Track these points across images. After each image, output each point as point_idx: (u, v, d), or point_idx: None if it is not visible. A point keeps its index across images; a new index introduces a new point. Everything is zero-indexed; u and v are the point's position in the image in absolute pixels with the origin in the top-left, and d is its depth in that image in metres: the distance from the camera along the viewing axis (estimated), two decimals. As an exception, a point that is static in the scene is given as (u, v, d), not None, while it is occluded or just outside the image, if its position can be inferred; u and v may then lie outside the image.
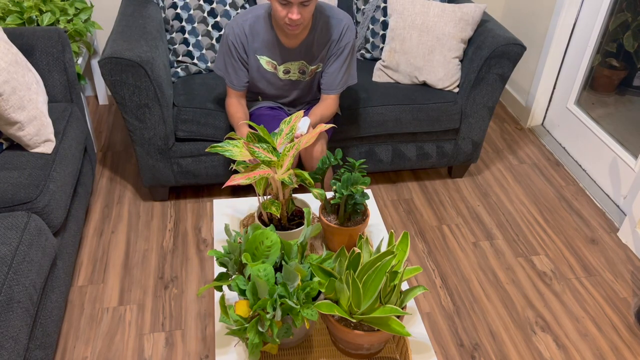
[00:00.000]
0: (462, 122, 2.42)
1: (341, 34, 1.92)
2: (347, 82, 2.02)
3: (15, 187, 1.65)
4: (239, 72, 1.96)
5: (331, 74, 1.98)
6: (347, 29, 1.92)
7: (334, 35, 1.92)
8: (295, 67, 1.98)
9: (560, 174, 2.73)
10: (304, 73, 2.01)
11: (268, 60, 1.94)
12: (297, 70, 1.99)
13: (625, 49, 2.57)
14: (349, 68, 1.99)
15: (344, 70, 1.98)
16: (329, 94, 2.02)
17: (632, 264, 2.22)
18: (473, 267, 2.16)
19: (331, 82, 1.99)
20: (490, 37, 2.28)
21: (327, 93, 2.02)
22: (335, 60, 1.96)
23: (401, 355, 1.27)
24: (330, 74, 1.98)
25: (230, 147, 1.35)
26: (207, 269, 2.10)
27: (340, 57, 1.95)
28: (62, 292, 1.73)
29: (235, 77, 1.97)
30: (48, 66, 2.04)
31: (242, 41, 1.90)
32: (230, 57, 1.93)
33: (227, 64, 1.95)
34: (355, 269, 1.19)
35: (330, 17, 1.91)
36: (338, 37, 1.92)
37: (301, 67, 1.99)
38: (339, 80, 1.99)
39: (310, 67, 2.00)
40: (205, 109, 2.15)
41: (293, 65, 1.97)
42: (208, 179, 2.33)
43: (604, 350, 1.86)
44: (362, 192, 1.42)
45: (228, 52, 1.92)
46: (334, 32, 1.92)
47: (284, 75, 1.99)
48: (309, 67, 1.99)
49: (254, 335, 1.11)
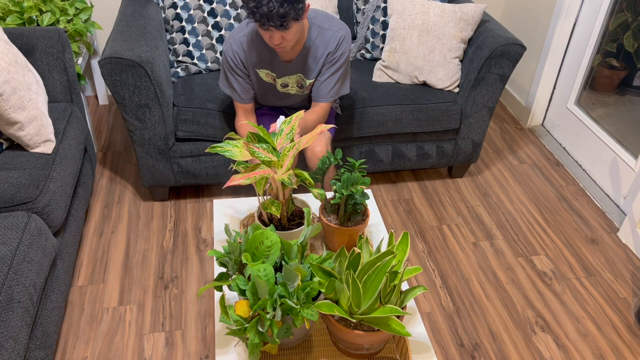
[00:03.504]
0: (462, 122, 2.42)
1: (337, 44, 1.88)
2: (339, 92, 1.98)
3: (15, 187, 1.65)
4: (244, 86, 1.94)
5: (322, 82, 1.93)
6: (342, 40, 1.87)
7: (329, 48, 1.88)
8: (293, 80, 1.95)
9: (560, 174, 2.73)
10: (302, 87, 1.98)
11: (267, 73, 1.92)
12: (295, 84, 1.96)
13: (625, 49, 2.57)
14: (342, 78, 1.95)
15: (336, 80, 1.93)
16: (317, 101, 1.97)
17: (632, 264, 2.22)
18: (473, 267, 2.16)
19: (321, 90, 1.94)
20: (490, 37, 2.28)
21: (315, 100, 1.98)
22: (328, 68, 1.91)
23: (401, 355, 1.27)
24: (322, 82, 1.94)
25: (230, 147, 1.35)
26: (207, 269, 2.10)
27: (334, 66, 1.90)
28: (62, 292, 1.73)
29: (242, 92, 1.95)
30: (48, 66, 2.04)
31: (240, 57, 1.87)
32: (233, 73, 1.91)
33: (231, 80, 1.93)
34: (355, 269, 1.19)
35: (326, 30, 1.87)
36: (334, 49, 1.88)
37: (299, 81, 1.96)
38: (329, 89, 1.94)
39: (308, 81, 1.96)
40: (205, 109, 2.15)
41: (291, 79, 1.94)
42: (208, 179, 2.33)
43: (604, 350, 1.86)
44: (362, 192, 1.42)
45: (230, 69, 1.91)
46: (330, 44, 1.87)
47: (282, 88, 1.98)
48: (306, 80, 1.96)
49: (254, 335, 1.11)
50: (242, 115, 2.00)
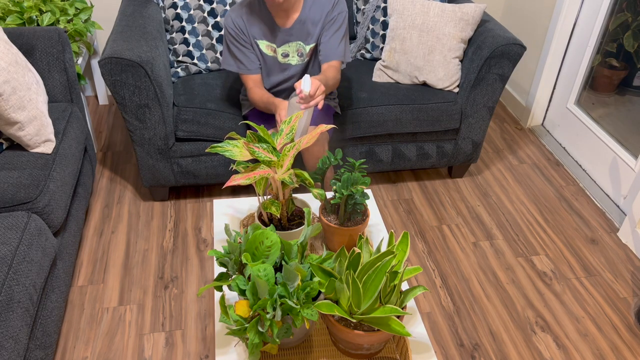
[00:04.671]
0: (462, 122, 2.42)
1: (333, 5, 1.94)
2: (345, 54, 1.99)
3: (15, 187, 1.65)
4: (249, 56, 1.98)
5: (327, 42, 1.96)
6: (338, 1, 1.95)
7: (326, 8, 1.94)
8: (293, 49, 2.00)
9: (560, 174, 2.73)
10: (302, 55, 2.02)
11: (267, 44, 1.98)
12: (296, 52, 2.01)
13: (625, 49, 2.57)
14: (344, 39, 1.98)
15: (340, 38, 1.96)
16: (329, 60, 1.97)
17: (632, 264, 2.22)
18: (473, 267, 2.16)
19: (329, 49, 1.96)
20: (490, 37, 2.28)
21: (327, 60, 1.97)
22: (328, 29, 1.96)
23: (401, 355, 1.27)
24: (327, 42, 1.96)
25: (230, 147, 1.35)
26: (207, 269, 2.09)
27: (334, 25, 1.95)
28: (62, 292, 1.73)
29: (247, 62, 1.98)
30: (48, 66, 2.04)
31: (241, 27, 1.94)
32: (236, 44, 1.96)
33: (235, 52, 1.97)
34: (355, 269, 1.19)
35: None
36: (330, 8, 1.94)
37: (299, 49, 2.00)
38: (336, 47, 1.96)
39: (308, 47, 2.00)
40: (205, 109, 2.15)
41: (290, 47, 1.99)
42: (208, 179, 2.33)
43: (604, 350, 1.86)
44: (362, 192, 1.42)
45: (233, 41, 1.96)
46: (326, 6, 1.94)
47: (283, 59, 2.02)
48: (306, 47, 2.00)
49: (254, 335, 1.11)
50: (253, 86, 2.01)
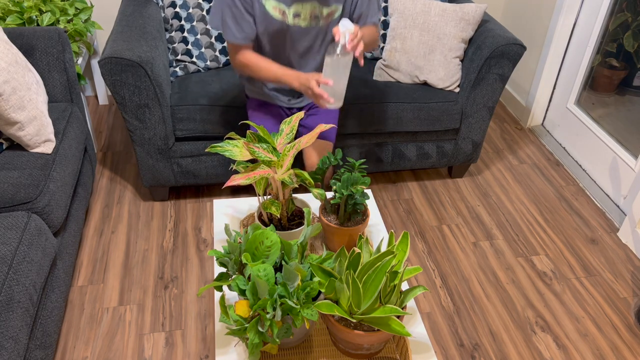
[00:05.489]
0: (462, 122, 2.42)
1: None
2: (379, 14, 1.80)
3: (15, 187, 1.65)
4: (241, 23, 1.69)
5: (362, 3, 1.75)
6: None
7: None
8: (307, 10, 1.71)
9: (560, 174, 2.73)
10: (317, 18, 1.74)
11: (275, 5, 1.68)
12: (309, 14, 1.72)
13: (625, 49, 2.57)
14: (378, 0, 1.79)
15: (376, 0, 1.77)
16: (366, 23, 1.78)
17: (632, 264, 2.22)
18: (473, 267, 2.16)
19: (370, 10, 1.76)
20: (490, 37, 2.28)
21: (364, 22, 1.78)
22: None
23: (401, 355, 1.27)
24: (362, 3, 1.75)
25: (230, 147, 1.35)
26: (207, 269, 2.09)
27: None
28: (62, 292, 1.73)
29: (236, 29, 1.70)
30: (48, 66, 2.04)
31: None
32: (231, 6, 1.67)
33: (226, 14, 1.68)
34: (355, 269, 1.19)
35: None
36: None
37: (313, 11, 1.72)
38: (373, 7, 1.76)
39: (325, 10, 1.73)
40: (197, 105, 2.14)
41: (305, 7, 1.70)
42: (208, 179, 2.33)
43: (604, 350, 1.86)
44: (362, 192, 1.42)
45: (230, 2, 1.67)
46: None
47: (293, 19, 1.72)
48: (323, 10, 1.72)
49: (254, 335, 1.11)
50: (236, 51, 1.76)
